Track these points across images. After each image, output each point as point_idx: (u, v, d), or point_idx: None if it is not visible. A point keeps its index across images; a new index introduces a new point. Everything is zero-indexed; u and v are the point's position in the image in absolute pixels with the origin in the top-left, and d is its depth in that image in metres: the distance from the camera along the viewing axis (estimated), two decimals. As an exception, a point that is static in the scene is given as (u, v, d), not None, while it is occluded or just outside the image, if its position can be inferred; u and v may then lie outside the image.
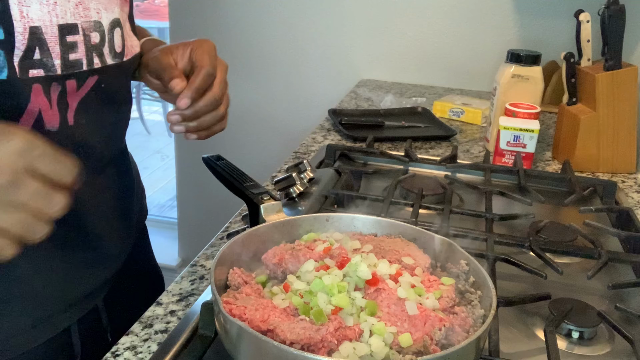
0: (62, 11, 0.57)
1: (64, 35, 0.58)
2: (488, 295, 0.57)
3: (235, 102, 2.17)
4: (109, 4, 0.64)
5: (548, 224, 0.89)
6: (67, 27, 0.58)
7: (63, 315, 0.69)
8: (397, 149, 1.22)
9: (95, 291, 0.73)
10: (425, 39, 1.79)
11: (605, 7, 1.11)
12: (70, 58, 0.59)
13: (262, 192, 0.71)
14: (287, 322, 0.51)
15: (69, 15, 0.58)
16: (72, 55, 0.59)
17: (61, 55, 0.58)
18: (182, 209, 2.20)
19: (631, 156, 1.19)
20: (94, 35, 0.62)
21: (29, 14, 0.54)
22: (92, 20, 0.61)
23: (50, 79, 0.58)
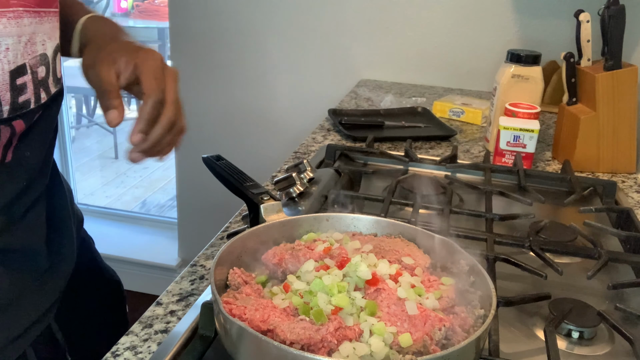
0: (13, 56, 0.55)
1: (14, 79, 0.56)
2: (488, 295, 0.57)
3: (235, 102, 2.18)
4: (52, 30, 0.61)
5: (548, 224, 0.89)
6: (17, 69, 0.56)
7: (16, 343, 0.66)
8: (397, 149, 1.22)
9: (46, 311, 0.70)
10: (425, 39, 1.79)
11: (605, 7, 1.11)
12: (19, 101, 0.57)
13: (262, 192, 0.71)
14: (287, 322, 0.51)
15: (19, 57, 0.56)
16: (21, 98, 0.57)
17: (11, 101, 0.56)
18: (182, 209, 2.20)
19: (631, 156, 1.19)
20: (41, 70, 0.60)
21: None
22: (38, 54, 0.59)
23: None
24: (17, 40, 0.54)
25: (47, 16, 0.59)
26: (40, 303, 0.69)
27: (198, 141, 1.93)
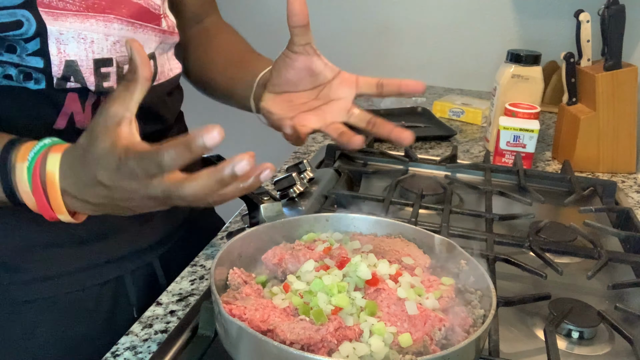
0: (98, 48, 0.64)
1: (98, 67, 0.64)
2: (488, 295, 0.57)
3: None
4: (147, 41, 0.69)
5: (548, 224, 0.89)
6: (102, 60, 0.65)
7: (111, 266, 0.74)
8: (397, 149, 1.22)
9: (147, 248, 0.78)
10: (425, 39, 1.79)
11: (605, 7, 1.11)
12: (104, 85, 0.66)
13: (262, 192, 0.71)
14: (287, 322, 0.51)
15: (105, 51, 0.64)
16: (106, 84, 0.66)
17: (96, 84, 0.65)
18: (182, 209, 2.20)
19: (631, 156, 1.19)
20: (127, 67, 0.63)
21: (66, 50, 0.61)
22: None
23: (85, 90, 0.65)
24: (103, 37, 0.64)
25: (141, 28, 0.68)
26: (141, 240, 0.77)
27: (198, 141, 1.93)
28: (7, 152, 0.54)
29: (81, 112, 0.66)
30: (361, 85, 0.71)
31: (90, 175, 0.51)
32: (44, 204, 0.54)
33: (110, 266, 0.74)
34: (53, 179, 0.53)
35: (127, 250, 0.76)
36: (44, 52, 0.60)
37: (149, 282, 0.80)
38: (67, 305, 0.72)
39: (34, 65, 0.61)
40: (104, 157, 0.50)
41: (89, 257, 0.72)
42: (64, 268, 0.71)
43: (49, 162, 0.53)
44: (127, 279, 0.77)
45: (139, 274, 0.78)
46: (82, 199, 0.53)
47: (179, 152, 0.47)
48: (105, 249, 0.73)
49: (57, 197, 0.53)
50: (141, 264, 0.78)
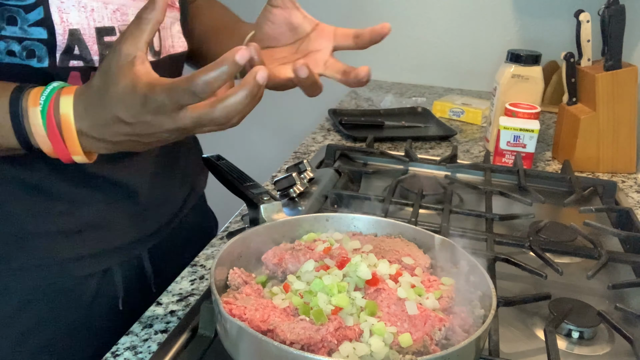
0: (99, 16, 0.64)
1: (101, 36, 0.64)
2: (488, 295, 0.57)
3: (235, 102, 2.11)
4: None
5: (548, 224, 0.89)
6: (105, 29, 0.64)
7: (100, 258, 0.74)
8: (397, 149, 1.22)
9: (137, 241, 0.78)
10: (425, 39, 1.79)
11: (605, 7, 1.11)
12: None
13: (262, 192, 0.71)
14: (287, 322, 0.51)
15: (107, 19, 0.64)
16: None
17: (99, 53, 0.64)
18: (182, 209, 2.20)
19: (631, 156, 1.19)
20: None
21: (68, 19, 0.61)
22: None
23: (89, 69, 0.64)
24: (102, 5, 0.64)
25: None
26: (132, 232, 0.77)
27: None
28: (17, 99, 0.55)
29: None
30: (338, 37, 0.70)
31: (110, 115, 0.52)
32: (61, 146, 0.55)
33: (100, 257, 0.74)
34: (68, 121, 0.54)
35: (118, 242, 0.75)
36: (48, 21, 0.60)
37: (136, 274, 0.79)
38: (53, 295, 0.72)
39: (37, 36, 0.60)
40: (125, 95, 0.51)
41: (80, 248, 0.72)
42: (54, 258, 0.71)
43: (62, 104, 0.54)
44: (115, 270, 0.76)
45: (127, 266, 0.78)
46: (100, 138, 0.55)
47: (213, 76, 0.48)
48: (96, 240, 0.73)
49: (73, 139, 0.55)
50: (130, 257, 0.78)
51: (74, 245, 0.72)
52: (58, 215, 0.70)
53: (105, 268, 0.75)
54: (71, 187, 0.69)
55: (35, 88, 0.56)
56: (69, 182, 0.69)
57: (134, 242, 0.78)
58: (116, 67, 0.51)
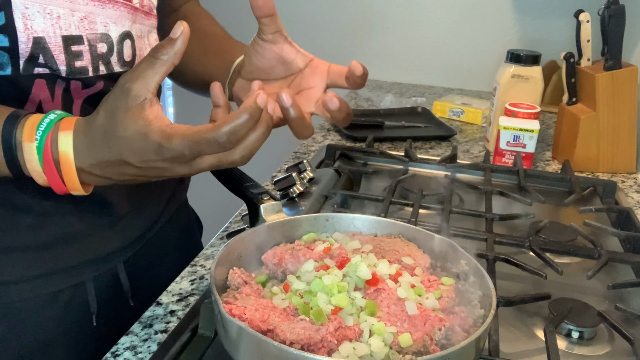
0: (65, 24, 0.60)
1: (68, 45, 0.60)
2: (488, 295, 0.57)
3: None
4: (118, 18, 0.65)
5: (548, 224, 0.89)
6: (72, 38, 0.61)
7: (73, 272, 0.70)
8: (397, 149, 1.22)
9: (112, 253, 0.74)
10: (425, 39, 1.79)
11: (605, 7, 1.11)
12: (75, 65, 0.62)
13: (262, 192, 0.71)
14: (287, 322, 0.51)
15: (73, 27, 0.61)
16: (78, 63, 0.62)
17: (66, 63, 0.60)
18: (182, 209, 2.20)
19: (631, 156, 1.19)
20: (101, 46, 0.64)
21: (33, 26, 0.57)
22: (99, 32, 0.63)
23: (54, 77, 0.60)
24: (69, 13, 0.60)
25: (109, 4, 0.64)
26: (107, 245, 0.73)
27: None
28: (10, 131, 0.53)
29: (50, 101, 0.62)
30: (332, 74, 0.65)
31: (118, 158, 0.52)
32: (58, 182, 0.54)
33: (72, 272, 0.70)
34: (67, 159, 0.52)
35: (91, 255, 0.72)
36: (10, 29, 0.56)
37: (111, 288, 0.75)
38: (22, 313, 0.68)
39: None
40: (135, 142, 0.50)
41: (50, 263, 0.68)
42: (23, 273, 0.67)
43: (61, 142, 0.52)
44: (88, 285, 0.72)
45: (102, 279, 0.74)
46: (103, 176, 0.54)
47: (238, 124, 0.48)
48: (68, 254, 0.69)
49: (71, 175, 0.53)
50: (105, 269, 0.74)
51: (44, 259, 0.68)
52: (26, 229, 0.66)
53: (77, 282, 0.71)
54: (39, 200, 0.66)
55: (30, 119, 0.53)
56: (36, 194, 0.65)
57: (109, 255, 0.74)
58: (124, 109, 0.50)
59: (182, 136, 0.49)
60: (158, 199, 0.83)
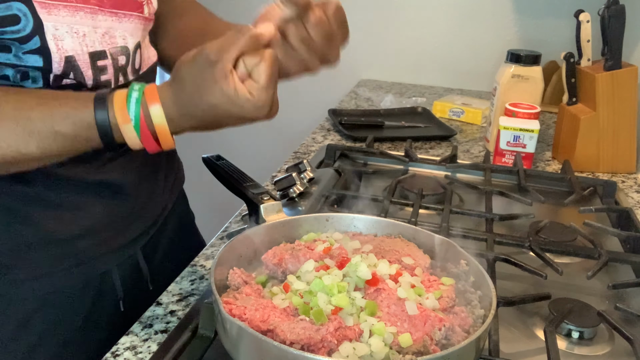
0: (90, 41, 0.64)
1: (94, 61, 0.65)
2: (488, 295, 0.57)
3: (235, 102, 2.11)
4: (134, 30, 0.70)
5: (548, 224, 0.89)
6: (97, 54, 0.65)
7: (102, 260, 0.75)
8: (397, 149, 1.22)
9: (132, 241, 0.79)
10: (425, 39, 1.79)
11: (605, 7, 1.11)
12: (101, 79, 0.66)
13: (262, 192, 0.71)
14: (287, 322, 0.51)
15: (97, 43, 0.65)
16: (103, 77, 0.67)
17: (93, 78, 0.65)
18: (182, 209, 2.20)
19: (631, 156, 1.19)
20: (121, 58, 0.69)
21: (64, 46, 0.62)
22: (119, 46, 0.68)
23: (80, 86, 0.65)
24: (92, 30, 0.65)
25: (126, 17, 0.69)
26: (127, 233, 0.78)
27: (198, 141, 1.93)
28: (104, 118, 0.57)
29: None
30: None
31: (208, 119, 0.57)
32: (153, 146, 0.59)
33: (99, 261, 0.75)
34: (163, 129, 0.57)
35: (115, 244, 0.76)
36: (44, 50, 0.60)
37: (133, 273, 0.80)
38: (56, 303, 0.72)
39: (32, 64, 0.60)
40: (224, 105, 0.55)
41: (79, 254, 0.72)
42: (53, 266, 0.71)
43: (154, 116, 0.57)
44: (113, 273, 0.77)
45: (124, 266, 0.78)
46: (197, 126, 0.59)
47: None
48: (93, 245, 0.73)
49: (168, 140, 0.58)
50: (126, 256, 0.79)
51: (71, 252, 0.72)
52: (54, 224, 0.70)
53: (104, 270, 0.76)
54: (64, 195, 0.70)
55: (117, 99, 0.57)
56: (62, 191, 0.69)
57: (130, 242, 0.78)
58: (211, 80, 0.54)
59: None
60: (163, 188, 0.86)
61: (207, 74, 0.55)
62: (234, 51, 0.54)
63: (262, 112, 0.56)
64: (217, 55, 0.54)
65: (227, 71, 0.54)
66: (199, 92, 0.55)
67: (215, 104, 0.55)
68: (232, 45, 0.55)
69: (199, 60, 0.55)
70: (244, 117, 0.57)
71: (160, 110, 0.57)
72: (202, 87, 0.55)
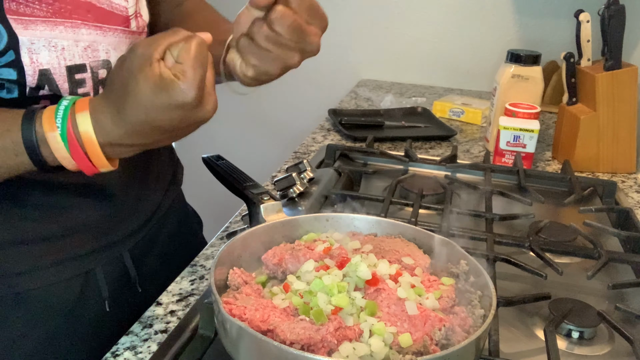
0: (70, 54, 0.63)
1: (72, 74, 0.64)
2: (488, 295, 0.57)
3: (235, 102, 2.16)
4: (118, 44, 0.68)
5: (548, 224, 0.89)
6: (75, 67, 0.64)
7: (83, 260, 0.73)
8: (397, 149, 1.22)
9: (118, 242, 0.77)
10: (425, 39, 1.79)
11: (605, 7, 1.11)
12: (78, 92, 0.65)
13: (262, 192, 0.71)
14: (287, 322, 0.51)
15: (77, 57, 0.64)
16: (81, 90, 0.65)
17: (70, 91, 0.64)
18: (182, 209, 2.20)
19: (631, 156, 1.19)
20: (102, 72, 0.67)
21: (38, 59, 0.61)
22: (101, 59, 0.67)
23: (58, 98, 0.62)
24: (73, 44, 0.63)
25: (110, 31, 0.67)
26: (112, 234, 0.76)
27: (198, 141, 1.93)
28: (29, 129, 0.55)
29: None
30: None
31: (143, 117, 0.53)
32: (86, 163, 0.56)
33: (82, 260, 0.73)
34: (89, 138, 0.54)
35: (98, 244, 0.75)
36: (17, 63, 0.59)
37: (120, 275, 0.79)
38: (36, 301, 0.71)
39: (6, 77, 0.60)
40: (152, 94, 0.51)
41: (60, 252, 0.71)
42: (34, 264, 0.70)
43: (80, 123, 0.54)
44: (98, 272, 0.75)
45: (110, 267, 0.77)
46: (134, 144, 0.56)
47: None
48: (76, 243, 0.72)
49: (97, 153, 0.55)
50: (112, 257, 0.77)
51: (53, 249, 0.71)
52: (34, 223, 0.69)
53: (87, 270, 0.74)
54: (45, 195, 0.69)
55: (46, 111, 0.55)
56: (42, 190, 0.68)
57: (115, 243, 0.77)
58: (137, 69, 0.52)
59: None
60: (154, 191, 0.85)
61: (133, 65, 0.52)
62: (162, 42, 0.53)
63: (190, 94, 0.52)
64: (144, 47, 0.53)
65: (153, 59, 0.52)
66: (125, 85, 0.53)
67: (141, 95, 0.52)
68: (160, 37, 0.53)
69: (127, 55, 0.54)
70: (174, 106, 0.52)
71: (87, 117, 0.54)
72: (127, 80, 0.52)
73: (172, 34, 0.54)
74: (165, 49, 0.53)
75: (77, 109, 0.55)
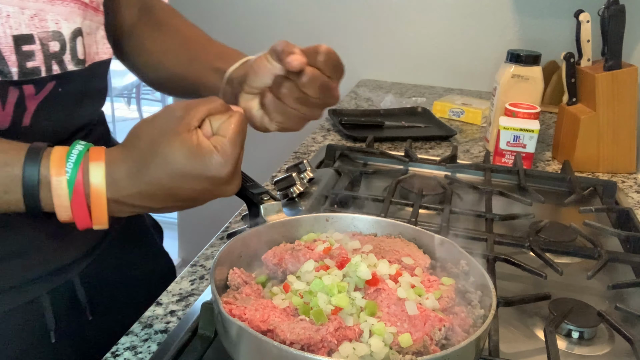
0: (16, 23, 0.58)
1: (19, 45, 0.58)
2: (488, 295, 0.57)
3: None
4: (69, 14, 0.63)
5: (548, 224, 0.89)
6: (23, 37, 0.58)
7: (29, 286, 0.67)
8: (397, 149, 1.22)
9: (67, 265, 0.71)
10: (425, 39, 1.79)
11: (605, 7, 1.11)
12: (27, 65, 0.59)
13: (262, 192, 0.71)
14: (287, 322, 0.51)
15: (24, 26, 0.58)
16: (30, 63, 0.59)
17: (18, 64, 0.58)
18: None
19: (631, 156, 1.19)
20: (53, 44, 0.62)
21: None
22: (50, 30, 0.61)
23: (6, 83, 0.58)
24: (19, 11, 0.58)
25: (59, 0, 0.61)
26: (60, 257, 0.70)
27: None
28: (33, 168, 0.51)
29: (1, 110, 0.59)
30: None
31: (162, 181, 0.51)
32: (84, 217, 0.52)
33: (25, 288, 0.66)
34: (99, 192, 0.51)
35: (45, 268, 0.68)
36: None
37: (68, 302, 0.72)
38: None
39: None
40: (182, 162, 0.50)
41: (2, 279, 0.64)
42: None
43: (93, 174, 0.51)
44: (43, 300, 0.68)
45: (57, 294, 0.70)
46: (140, 205, 0.53)
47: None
48: (20, 269, 0.66)
49: (101, 209, 0.51)
50: (60, 283, 0.70)
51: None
52: None
53: (31, 299, 0.67)
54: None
55: (55, 152, 0.51)
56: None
57: (64, 267, 0.70)
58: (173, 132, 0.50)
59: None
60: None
61: (169, 127, 0.50)
62: (202, 110, 0.51)
63: (225, 170, 0.51)
64: (183, 110, 0.51)
65: (192, 126, 0.50)
66: (154, 145, 0.50)
67: (172, 159, 0.50)
68: (201, 104, 0.52)
69: (161, 115, 0.52)
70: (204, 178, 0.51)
71: (101, 169, 0.51)
72: (159, 140, 0.50)
73: (211, 102, 0.53)
74: (205, 117, 0.52)
75: (91, 157, 0.51)
